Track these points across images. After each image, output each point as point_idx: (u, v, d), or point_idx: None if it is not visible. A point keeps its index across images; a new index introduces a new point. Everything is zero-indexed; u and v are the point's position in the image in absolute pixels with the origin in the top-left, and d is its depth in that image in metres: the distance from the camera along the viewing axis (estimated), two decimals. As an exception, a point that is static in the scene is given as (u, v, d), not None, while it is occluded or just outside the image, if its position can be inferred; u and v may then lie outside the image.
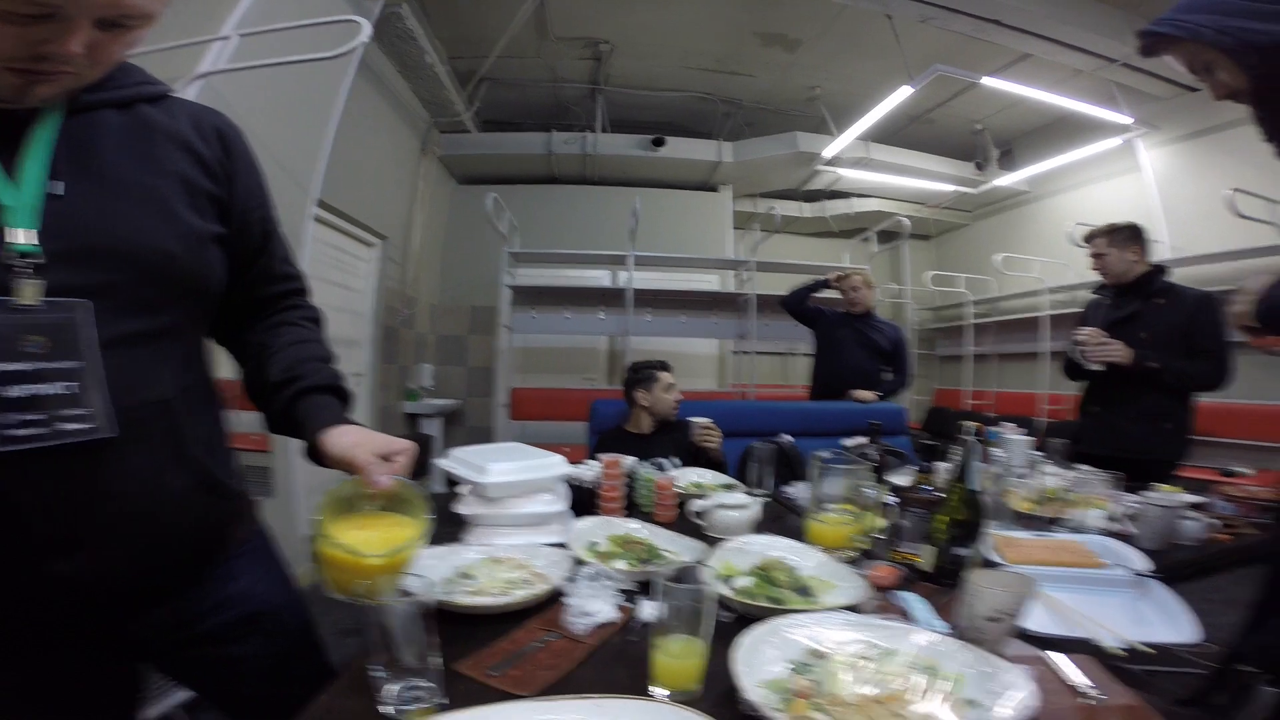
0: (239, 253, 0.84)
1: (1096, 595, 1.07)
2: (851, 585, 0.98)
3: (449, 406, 5.47)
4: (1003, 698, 0.64)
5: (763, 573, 1.02)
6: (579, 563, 1.05)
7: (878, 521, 1.38)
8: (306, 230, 2.98)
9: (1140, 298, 2.22)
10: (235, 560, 0.87)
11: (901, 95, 4.36)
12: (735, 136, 6.00)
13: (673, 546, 1.20)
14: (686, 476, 1.80)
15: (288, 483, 2.86)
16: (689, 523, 1.40)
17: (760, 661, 0.72)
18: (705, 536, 1.28)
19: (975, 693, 0.67)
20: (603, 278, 5.71)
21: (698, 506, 1.40)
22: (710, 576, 0.98)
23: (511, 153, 5.85)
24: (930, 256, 8.05)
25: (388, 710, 0.64)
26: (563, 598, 0.91)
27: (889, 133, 5.72)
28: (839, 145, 5.46)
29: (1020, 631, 0.86)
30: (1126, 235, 2.25)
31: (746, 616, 0.85)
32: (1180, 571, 1.31)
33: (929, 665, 0.72)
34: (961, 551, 1.06)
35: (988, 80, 4.15)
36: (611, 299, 4.98)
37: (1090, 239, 2.34)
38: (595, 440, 2.27)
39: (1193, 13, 0.87)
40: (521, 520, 1.22)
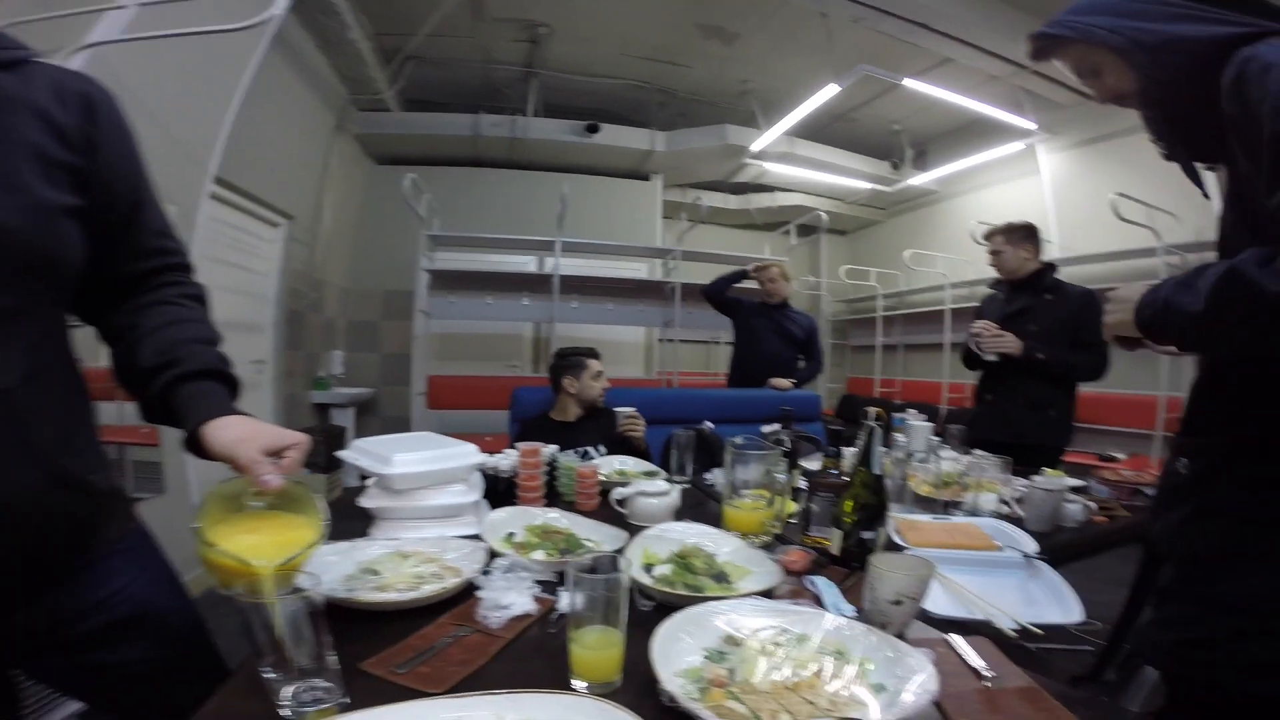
0: (103, 225, 0.75)
1: (991, 577, 1.14)
2: (766, 571, 1.00)
3: (362, 395, 5.22)
4: (908, 681, 0.66)
5: (681, 560, 1.03)
6: (494, 555, 1.02)
7: (790, 506, 1.42)
8: (201, 209, 2.76)
9: (1031, 293, 2.39)
10: (111, 560, 0.80)
11: (828, 93, 4.49)
12: (668, 126, 6.00)
13: (595, 535, 1.19)
14: (610, 464, 1.80)
15: (181, 479, 2.69)
16: (612, 511, 1.39)
17: (678, 650, 0.72)
18: (628, 524, 1.28)
19: (882, 676, 0.69)
20: (528, 263, 5.59)
21: (619, 494, 1.40)
22: (629, 564, 0.98)
23: (435, 133, 5.63)
24: (846, 251, 8.39)
25: (286, 712, 0.61)
26: (476, 591, 0.88)
27: (814, 129, 5.87)
28: (766, 139, 5.57)
29: (923, 614, 0.89)
30: (1021, 234, 2.42)
31: (666, 605, 0.85)
32: (1064, 552, 1.41)
33: (838, 650, 0.73)
34: (867, 535, 1.10)
35: (909, 82, 4.33)
36: (537, 285, 4.88)
37: (989, 237, 2.50)
38: (517, 429, 2.22)
39: (1085, 15, 0.90)
40: (431, 512, 1.18)
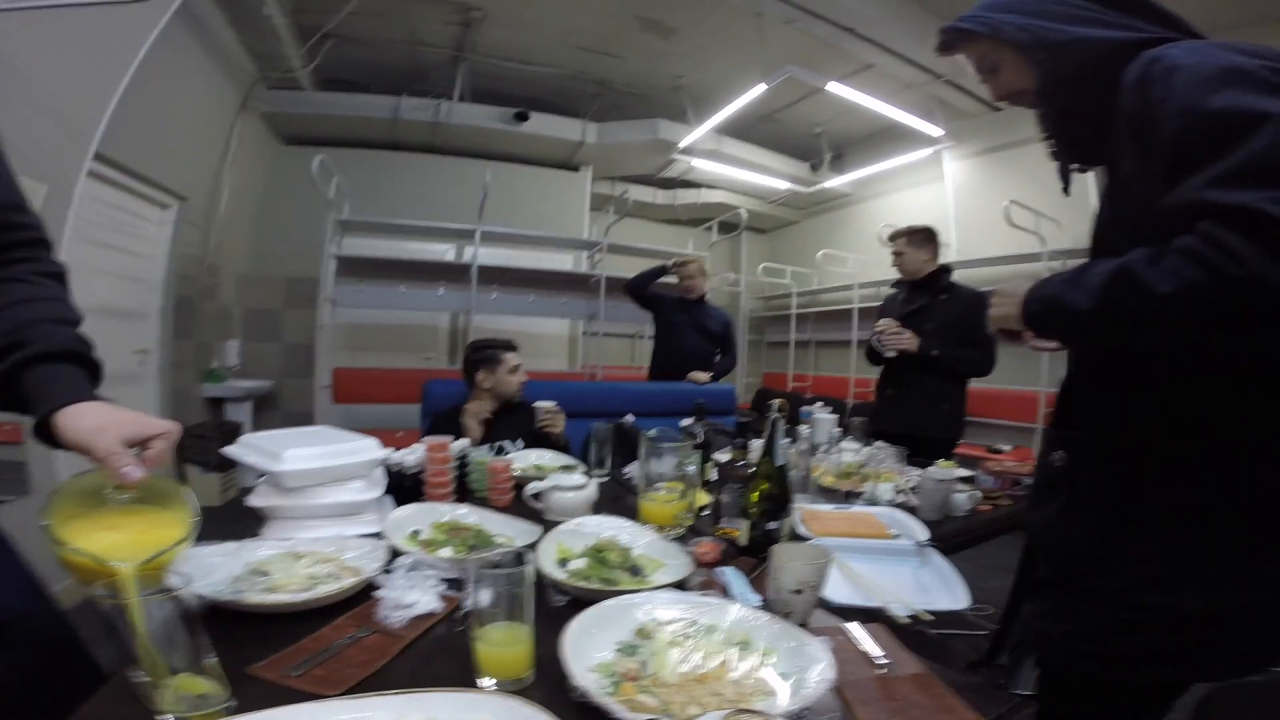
0: None
1: (887, 564, 1.19)
2: (678, 563, 1.02)
3: (260, 388, 4.86)
4: (810, 669, 0.68)
5: (596, 554, 1.03)
6: (397, 553, 0.99)
7: (703, 498, 1.45)
8: (79, 187, 2.50)
9: (929, 293, 2.54)
10: None
11: (756, 92, 4.58)
12: (601, 118, 5.94)
13: (507, 531, 1.17)
14: (526, 459, 1.77)
15: (50, 479, 2.43)
16: (527, 506, 1.37)
17: (591, 645, 0.72)
18: (543, 520, 1.27)
19: (785, 665, 0.71)
20: (446, 252, 5.41)
21: (533, 489, 1.38)
22: (536, 559, 0.97)
23: (351, 115, 5.33)
24: (764, 249, 8.64)
25: (166, 718, 0.57)
26: (376, 591, 0.86)
27: (740, 128, 5.98)
28: (695, 135, 5.63)
29: (824, 602, 0.93)
30: (922, 237, 2.57)
31: (581, 599, 0.85)
32: (953, 540, 1.49)
33: (743, 640, 0.75)
34: (772, 526, 1.14)
35: (833, 86, 4.47)
36: (454, 274, 4.73)
37: (893, 239, 2.65)
38: (428, 423, 2.14)
39: (995, 11, 0.93)
40: (328, 510, 1.13)
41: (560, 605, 0.87)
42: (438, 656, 0.76)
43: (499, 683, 0.67)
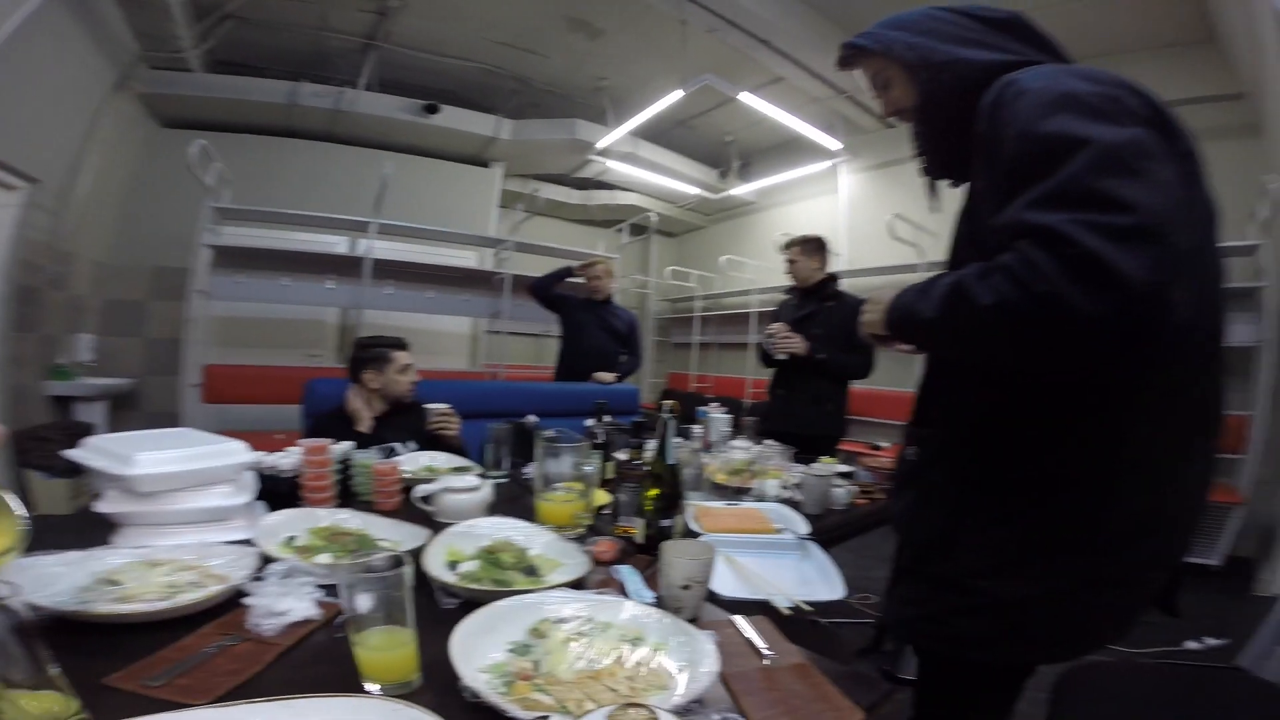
0: None
1: (772, 558, 1.24)
2: (576, 562, 1.02)
3: (118, 386, 4.36)
4: (699, 663, 0.70)
5: (489, 555, 1.01)
6: (269, 560, 0.94)
7: (603, 498, 1.46)
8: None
9: (817, 300, 2.69)
10: None
11: (674, 98, 4.67)
12: (518, 115, 5.84)
13: (392, 535, 1.13)
14: (417, 461, 1.71)
15: None
16: (418, 509, 1.32)
17: (482, 646, 0.71)
18: (434, 523, 1.23)
19: (677, 659, 0.73)
20: (338, 244, 5.12)
21: (421, 491, 1.33)
22: (432, 562, 0.95)
23: (241, 98, 4.95)
24: (673, 252, 8.81)
25: None
26: (244, 598, 0.81)
27: (656, 132, 6.06)
28: (613, 137, 5.64)
29: (713, 596, 0.96)
30: (813, 247, 2.72)
31: (474, 601, 0.83)
32: (834, 533, 1.58)
33: (636, 636, 0.76)
34: (665, 523, 1.16)
35: (744, 96, 4.63)
36: (346, 267, 4.47)
37: (787, 247, 2.78)
38: (310, 424, 2.01)
39: (889, 29, 0.97)
40: (189, 517, 1.05)
41: (451, 608, 0.86)
42: (317, 663, 0.73)
43: (384, 687, 0.66)
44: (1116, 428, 0.78)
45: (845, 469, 1.99)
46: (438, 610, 0.85)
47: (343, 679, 0.68)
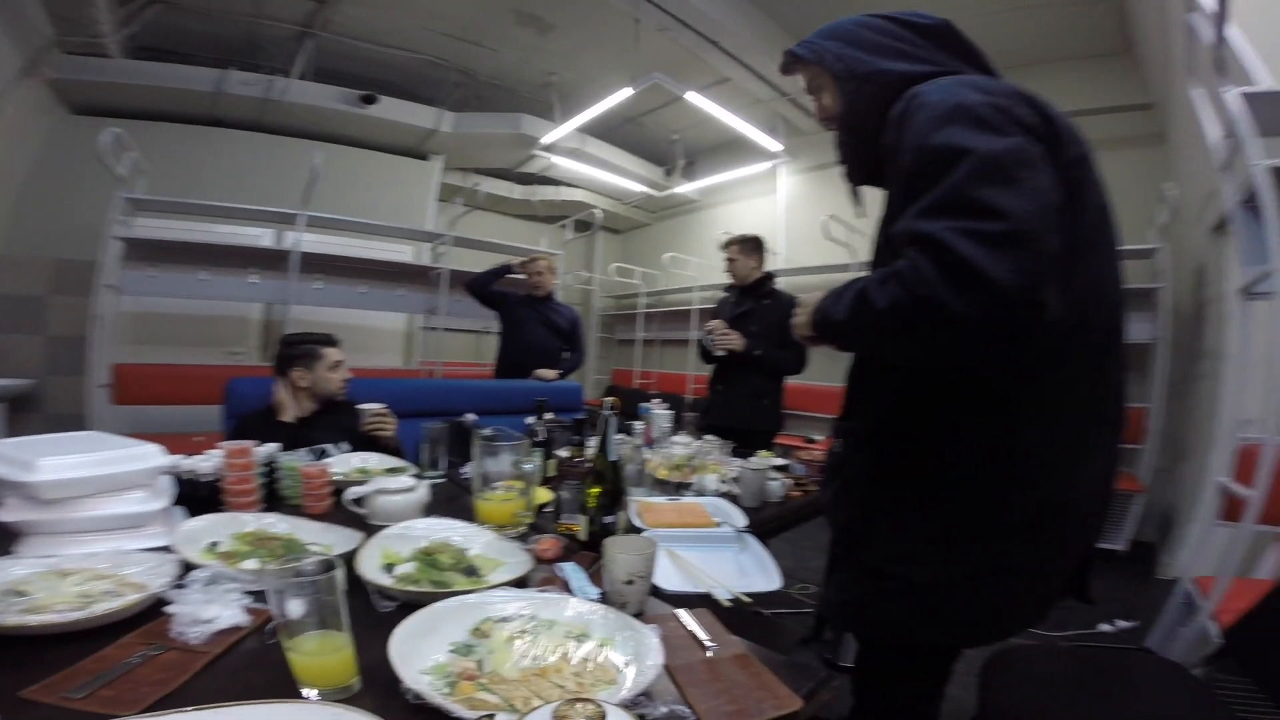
0: None
1: (712, 551, 1.27)
2: (518, 561, 1.01)
3: (15, 388, 4.00)
4: (644, 657, 0.71)
5: (426, 556, 0.99)
6: (191, 567, 0.90)
7: (544, 496, 1.45)
8: None
9: (754, 298, 2.76)
10: None
11: (622, 95, 4.66)
12: (460, 107, 5.70)
13: (323, 539, 1.09)
14: (349, 462, 1.65)
15: None
16: (351, 512, 1.28)
17: (423, 648, 0.71)
18: (367, 525, 1.19)
19: (623, 654, 0.73)
20: (262, 237, 4.88)
21: (353, 494, 1.29)
22: (366, 565, 0.93)
23: (162, 86, 4.65)
24: (617, 249, 8.82)
25: None
26: (166, 606, 0.78)
27: (603, 129, 6.04)
28: (560, 133, 5.58)
29: (656, 590, 0.97)
30: (752, 246, 2.78)
31: (412, 604, 0.82)
32: (770, 525, 1.61)
33: (581, 632, 0.77)
34: (608, 519, 1.16)
35: (692, 95, 4.66)
36: (271, 261, 4.25)
37: (726, 246, 2.83)
38: (233, 425, 1.90)
39: (824, 39, 1.00)
40: (100, 524, 0.99)
41: (389, 611, 0.84)
42: (249, 670, 0.71)
43: (322, 692, 0.64)
44: (1013, 422, 0.83)
45: (781, 462, 2.04)
46: (375, 614, 0.84)
47: (277, 685, 0.66)
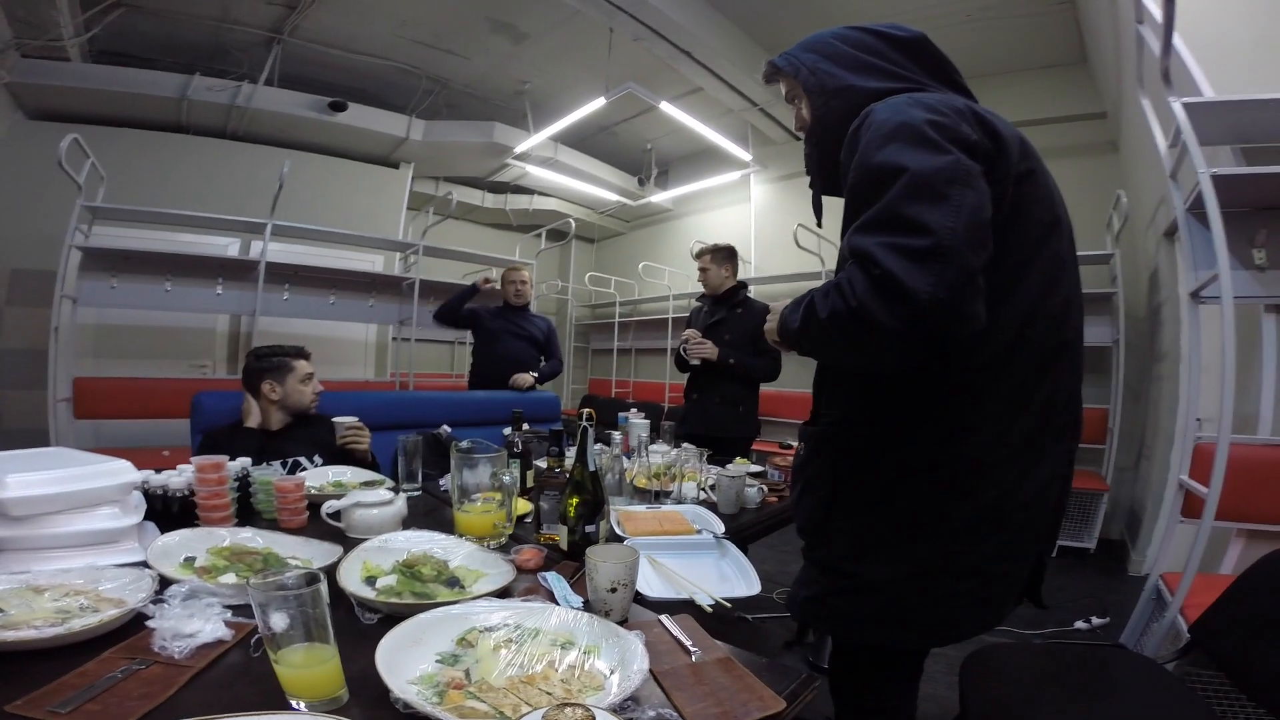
0: None
1: (692, 558, 1.28)
2: (500, 572, 1.02)
3: (-31, 404, 3.88)
4: (630, 663, 0.72)
5: (407, 569, 1.00)
6: (167, 582, 0.89)
7: (525, 506, 1.45)
8: None
9: (727, 307, 2.79)
10: None
11: (596, 105, 4.68)
12: (432, 115, 5.66)
13: (302, 553, 1.09)
14: (324, 476, 1.63)
15: None
16: (328, 526, 1.27)
17: (410, 659, 0.71)
18: (346, 539, 1.19)
19: (608, 660, 0.74)
20: (229, 246, 4.79)
21: (331, 507, 1.28)
22: (348, 578, 0.93)
23: (125, 91, 4.53)
24: (592, 258, 8.83)
25: None
26: (148, 621, 0.78)
27: (577, 138, 6.07)
28: (533, 142, 5.57)
29: (639, 597, 0.98)
30: (724, 255, 2.82)
31: (395, 616, 0.82)
32: (748, 531, 1.64)
33: (566, 640, 0.78)
34: (589, 529, 1.17)
35: (665, 105, 4.71)
36: (238, 271, 4.17)
37: (699, 255, 2.86)
38: (199, 440, 1.86)
39: (803, 51, 1.03)
40: (72, 540, 0.98)
41: (372, 623, 0.84)
42: (235, 683, 0.70)
43: (310, 704, 0.64)
44: (959, 428, 0.87)
45: (756, 469, 2.06)
46: (358, 626, 0.84)
47: (265, 698, 0.66)
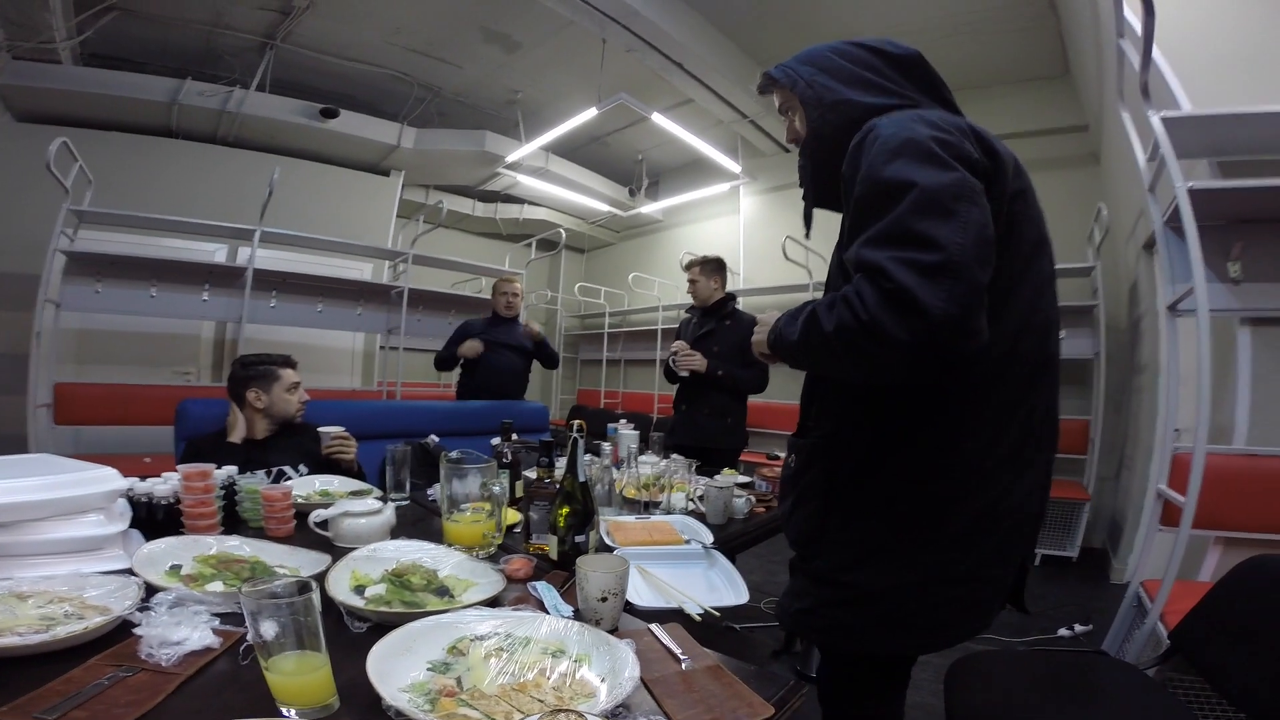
0: None
1: (681, 568, 1.29)
2: (490, 581, 1.02)
3: (-52, 408, 3.80)
4: (620, 670, 0.72)
5: (396, 578, 1.00)
6: (153, 589, 0.89)
7: (513, 516, 1.45)
8: None
9: (716, 319, 2.81)
10: None
11: (588, 115, 4.70)
12: (423, 123, 5.67)
13: (289, 561, 1.09)
14: (311, 485, 1.62)
15: None
16: (315, 535, 1.26)
17: (401, 667, 0.71)
18: (334, 548, 1.18)
19: (599, 668, 0.74)
20: (216, 252, 4.76)
21: (319, 516, 1.27)
22: (337, 587, 0.93)
23: (116, 95, 4.51)
24: (581, 269, 8.85)
25: None
26: (135, 629, 0.77)
27: (569, 148, 6.10)
28: (524, 151, 5.59)
29: (630, 606, 0.99)
30: (713, 267, 2.84)
31: (385, 625, 0.82)
32: (736, 541, 1.65)
33: (558, 649, 0.78)
34: (579, 539, 1.18)
35: (657, 117, 4.74)
36: (224, 278, 4.13)
37: (688, 267, 2.88)
38: (183, 448, 1.84)
39: (799, 63, 1.04)
40: (56, 547, 0.98)
41: (361, 632, 0.84)
42: (224, 691, 0.70)
43: (301, 711, 0.64)
44: (955, 437, 0.89)
45: (744, 479, 2.08)
46: (347, 634, 0.84)
47: (254, 705, 0.66)
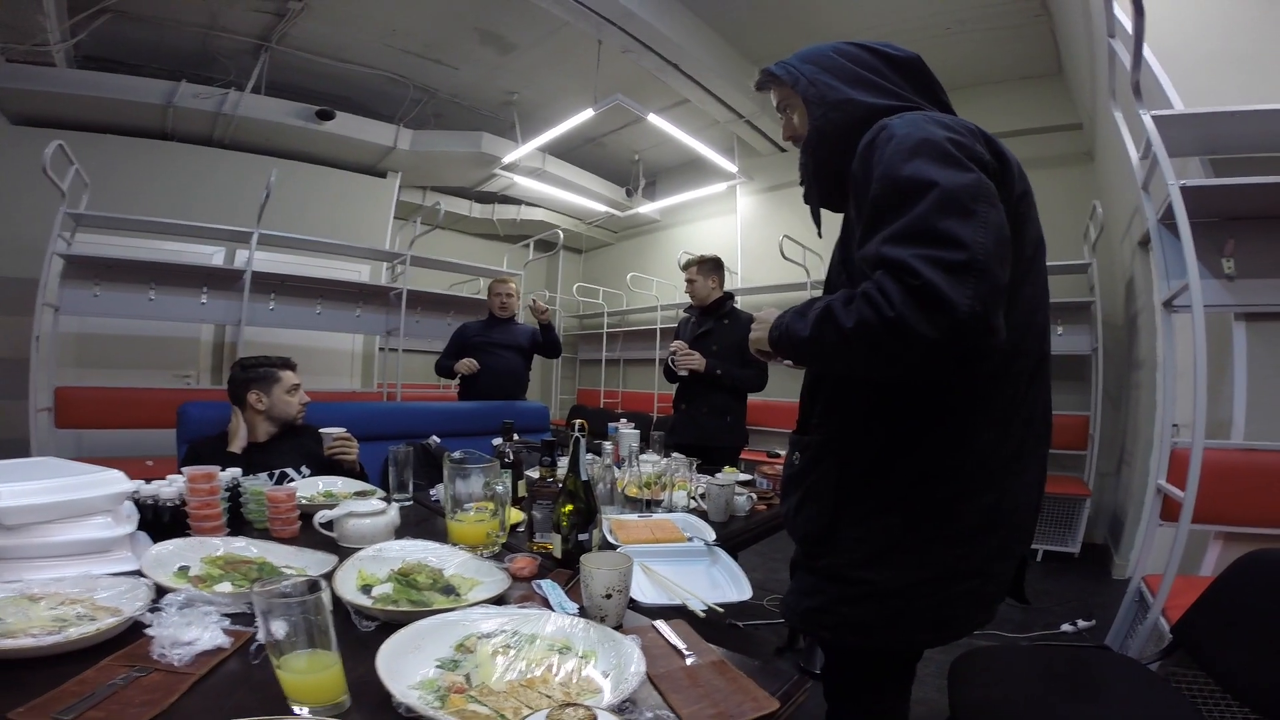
0: None
1: (684, 565, 1.30)
2: (495, 580, 1.03)
3: (-52, 413, 3.81)
4: (626, 666, 0.73)
5: (402, 577, 1.01)
6: (163, 590, 0.90)
7: (517, 515, 1.46)
8: None
9: (714, 318, 2.82)
10: None
11: (584, 116, 4.71)
12: (420, 125, 5.67)
13: (296, 562, 1.10)
14: (314, 486, 1.63)
15: None
16: (320, 535, 1.27)
17: (410, 665, 0.72)
18: (339, 548, 1.19)
19: (605, 664, 0.76)
20: (214, 255, 4.75)
21: (323, 517, 1.28)
22: (344, 587, 0.94)
23: (111, 97, 4.50)
24: (579, 269, 8.85)
25: None
26: (146, 630, 0.78)
27: (565, 149, 6.11)
28: (521, 152, 5.60)
29: (633, 604, 1.00)
30: (711, 266, 2.85)
31: (392, 624, 0.82)
32: (738, 538, 1.65)
33: (564, 645, 0.79)
34: (583, 537, 1.19)
35: (653, 117, 4.75)
36: (223, 280, 4.13)
37: (686, 267, 2.89)
38: (184, 451, 1.85)
39: (800, 61, 1.04)
40: (64, 549, 0.98)
41: (369, 630, 0.85)
42: (236, 690, 0.70)
43: (313, 709, 0.65)
44: (964, 434, 0.90)
45: (745, 477, 2.09)
46: (355, 633, 0.84)
47: (266, 704, 0.66)
